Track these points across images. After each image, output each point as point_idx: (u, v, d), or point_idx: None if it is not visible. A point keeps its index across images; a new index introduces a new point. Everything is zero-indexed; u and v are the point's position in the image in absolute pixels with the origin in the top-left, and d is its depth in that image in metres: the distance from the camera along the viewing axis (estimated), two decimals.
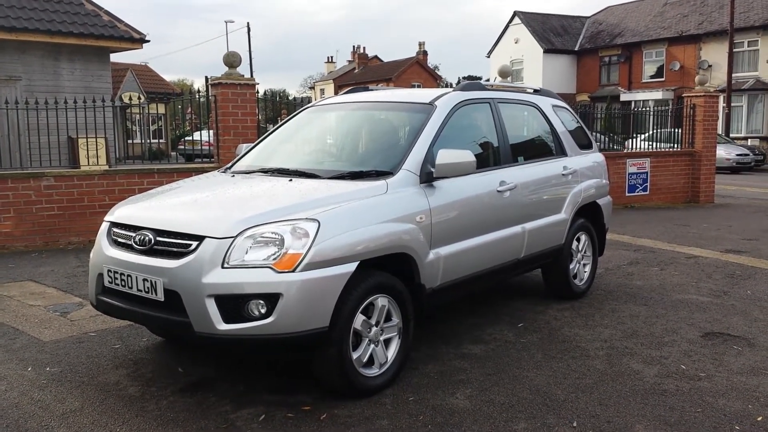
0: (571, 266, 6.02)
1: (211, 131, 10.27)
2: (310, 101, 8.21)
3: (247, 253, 3.59)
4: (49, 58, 14.68)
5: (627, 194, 13.27)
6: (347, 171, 4.46)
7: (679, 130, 14.39)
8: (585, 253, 6.27)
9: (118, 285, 3.94)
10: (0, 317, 5.62)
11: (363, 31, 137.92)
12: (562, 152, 6.04)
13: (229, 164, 5.32)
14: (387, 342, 4.09)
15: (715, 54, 33.70)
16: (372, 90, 5.87)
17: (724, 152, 23.51)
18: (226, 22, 76.99)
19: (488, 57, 45.28)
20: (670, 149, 14.37)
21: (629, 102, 34.14)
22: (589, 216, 6.27)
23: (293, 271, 3.54)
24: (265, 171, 4.77)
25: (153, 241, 3.82)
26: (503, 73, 12.24)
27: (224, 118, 9.56)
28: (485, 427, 3.58)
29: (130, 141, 21.99)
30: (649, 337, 5.06)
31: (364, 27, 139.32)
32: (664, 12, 38.38)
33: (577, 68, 41.91)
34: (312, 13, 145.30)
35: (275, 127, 5.75)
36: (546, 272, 6.07)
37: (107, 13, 15.73)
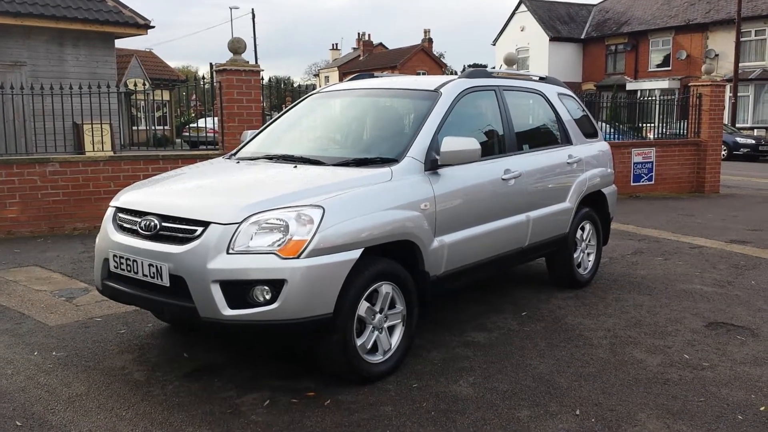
0: (575, 255, 6.02)
1: (216, 118, 10.27)
2: (314, 88, 8.19)
3: (252, 239, 3.60)
4: (54, 43, 14.66)
5: (632, 184, 13.23)
6: (352, 158, 4.46)
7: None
8: (589, 242, 6.26)
9: (123, 270, 3.96)
10: (6, 302, 5.65)
11: (368, 18, 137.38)
12: (567, 141, 6.03)
13: (234, 150, 5.33)
14: (391, 329, 4.10)
15: (722, 43, 33.51)
16: (377, 77, 5.85)
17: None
18: (230, 9, 76.73)
19: (494, 45, 45.08)
20: (676, 139, 14.31)
21: (635, 91, 33.99)
22: (593, 205, 6.26)
23: (298, 257, 3.55)
24: (270, 157, 4.78)
25: (158, 227, 3.83)
26: (509, 61, 12.19)
27: (229, 105, 9.55)
28: (488, 414, 3.60)
29: (134, 127, 21.97)
30: (653, 327, 5.07)
31: (370, 14, 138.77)
32: (671, 0, 38.11)
33: (583, 57, 41.72)
34: None
35: (280, 113, 5.75)
36: (550, 261, 6.07)
37: None
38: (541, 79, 6.16)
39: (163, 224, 3.83)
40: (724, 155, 22.09)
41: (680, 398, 3.81)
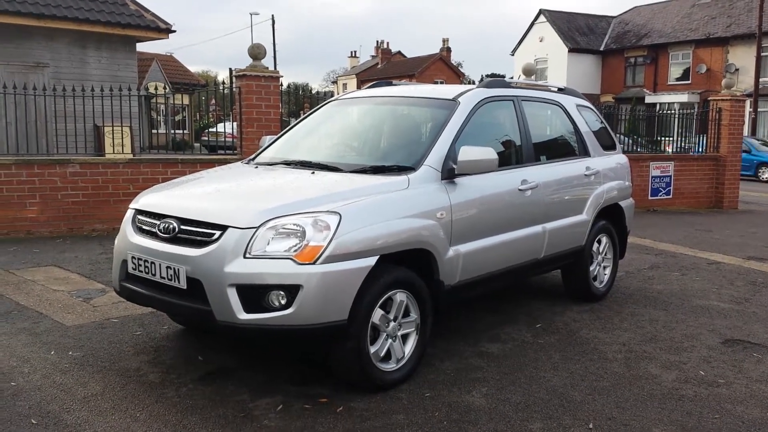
0: (591, 268, 5.99)
1: (235, 123, 10.34)
2: (332, 95, 8.23)
3: (269, 243, 3.62)
4: (76, 45, 14.82)
5: (650, 197, 13.15)
6: (369, 165, 4.47)
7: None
8: (606, 255, 6.23)
9: (141, 272, 3.99)
10: (24, 301, 5.72)
11: (387, 26, 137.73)
12: (585, 152, 6.01)
13: (253, 156, 5.36)
14: (404, 337, 4.11)
15: (743, 57, 33.25)
16: (395, 85, 5.87)
17: None
18: (251, 14, 77.46)
19: (512, 55, 45.04)
20: (695, 153, 14.20)
21: (654, 104, 33.79)
22: (610, 218, 6.23)
23: (314, 263, 3.56)
24: (288, 163, 4.81)
25: (177, 230, 3.86)
26: (527, 71, 12.17)
27: (248, 110, 9.62)
28: (501, 425, 3.59)
29: (154, 131, 22.18)
30: (668, 342, 5.03)
31: (389, 22, 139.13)
32: (692, 13, 37.92)
33: (602, 68, 41.57)
34: (337, 6, 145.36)
35: (299, 119, 5.78)
36: (566, 273, 6.04)
37: (134, 2, 15.83)
38: (560, 90, 6.15)
39: (182, 227, 3.86)
40: None
41: (695, 415, 3.78)
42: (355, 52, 71.58)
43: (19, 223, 8.65)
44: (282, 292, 3.57)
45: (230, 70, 10.47)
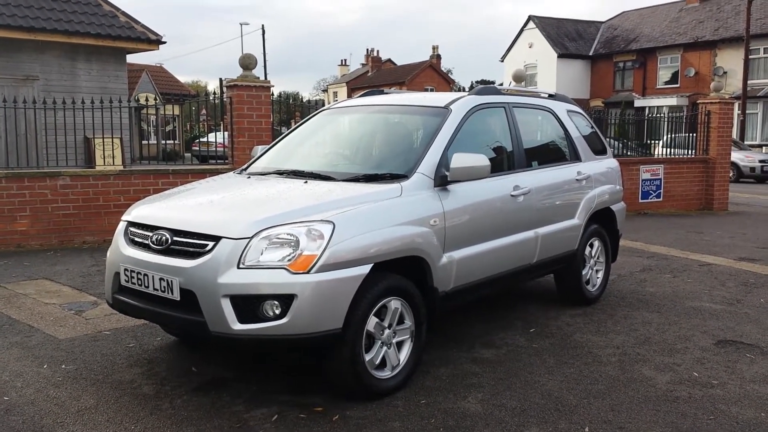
0: (583, 272, 6.01)
1: (226, 133, 10.34)
2: (323, 104, 8.26)
3: (262, 253, 3.62)
4: (66, 58, 14.80)
5: (640, 201, 13.21)
6: (362, 174, 4.48)
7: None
8: (598, 259, 6.25)
9: (134, 284, 3.98)
10: (16, 315, 5.68)
11: (377, 34, 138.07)
12: (576, 157, 6.04)
13: (245, 166, 5.36)
14: (399, 344, 4.10)
15: (731, 60, 33.51)
16: (387, 93, 5.89)
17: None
18: (241, 25, 77.60)
19: (502, 61, 45.23)
20: (684, 156, 14.28)
21: (643, 108, 33.97)
22: (602, 222, 6.26)
23: (308, 272, 3.56)
24: (281, 173, 4.81)
25: (170, 241, 3.86)
26: (517, 78, 12.23)
27: (239, 120, 9.62)
28: (496, 431, 3.59)
29: (144, 142, 22.14)
30: (662, 344, 5.05)
31: (378, 30, 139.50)
32: (680, 18, 38.22)
33: (591, 73, 41.79)
34: (327, 15, 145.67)
35: (291, 129, 5.79)
36: (559, 277, 6.06)
37: (124, 14, 15.82)
38: (551, 96, 6.18)
39: (175, 238, 3.86)
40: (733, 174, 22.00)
41: (690, 416, 3.79)
42: (345, 60, 71.66)
43: (9, 237, 8.61)
44: (276, 302, 3.56)
45: (221, 80, 10.49)
